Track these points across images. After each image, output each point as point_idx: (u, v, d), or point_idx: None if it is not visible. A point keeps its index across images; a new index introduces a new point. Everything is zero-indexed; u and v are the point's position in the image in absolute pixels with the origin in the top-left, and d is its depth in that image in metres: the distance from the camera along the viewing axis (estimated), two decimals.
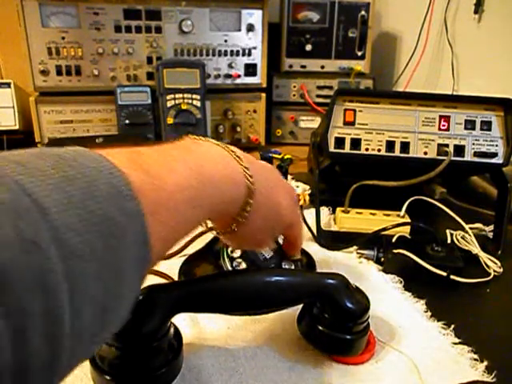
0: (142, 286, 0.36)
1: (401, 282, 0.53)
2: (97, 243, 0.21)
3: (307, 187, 0.83)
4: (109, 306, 0.22)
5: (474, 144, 0.64)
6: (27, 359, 0.18)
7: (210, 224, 0.40)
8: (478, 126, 0.64)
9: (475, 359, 0.41)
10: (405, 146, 0.64)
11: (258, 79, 1.08)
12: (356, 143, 0.65)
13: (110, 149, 0.25)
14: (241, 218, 0.35)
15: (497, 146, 0.64)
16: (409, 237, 0.60)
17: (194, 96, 0.93)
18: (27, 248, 0.18)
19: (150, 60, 0.99)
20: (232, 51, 1.04)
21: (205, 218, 0.32)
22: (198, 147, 0.33)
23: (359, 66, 1.16)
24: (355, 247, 0.60)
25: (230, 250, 0.51)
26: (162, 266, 0.55)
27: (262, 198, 0.35)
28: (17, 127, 0.98)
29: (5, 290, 0.17)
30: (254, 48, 1.05)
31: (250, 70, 1.06)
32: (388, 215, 0.67)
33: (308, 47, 1.12)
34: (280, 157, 0.97)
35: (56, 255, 0.19)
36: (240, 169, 0.34)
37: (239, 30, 1.03)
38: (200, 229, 0.58)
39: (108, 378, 0.34)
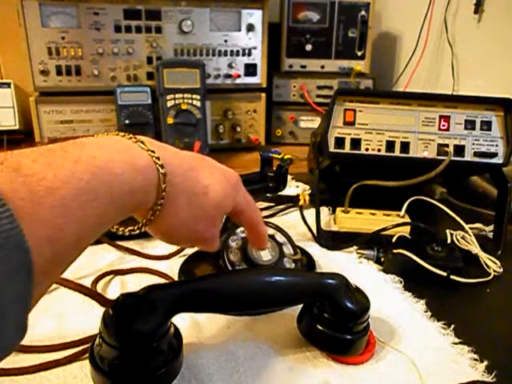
0: (142, 286, 0.36)
1: (401, 282, 0.53)
2: None
3: (307, 187, 0.83)
4: None
5: (474, 144, 0.64)
6: None
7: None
8: (477, 126, 0.64)
9: (475, 359, 0.41)
10: (405, 146, 0.64)
11: (258, 79, 1.08)
12: (356, 143, 0.65)
13: None
14: (155, 206, 0.32)
15: (497, 145, 0.64)
16: (409, 237, 0.60)
17: (194, 96, 0.93)
18: None
19: (149, 60, 0.99)
20: (232, 51, 1.04)
21: (110, 210, 0.29)
22: (91, 140, 0.30)
23: (359, 66, 1.16)
24: (355, 247, 0.60)
25: (229, 250, 0.51)
26: (162, 265, 0.55)
27: (180, 181, 0.33)
28: (17, 127, 0.98)
29: None
30: (254, 48, 1.05)
31: (250, 70, 1.06)
32: (388, 215, 0.67)
33: (308, 47, 1.12)
34: (280, 157, 0.97)
35: None
36: (145, 153, 0.31)
37: (239, 30, 1.03)
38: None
39: (108, 378, 0.34)
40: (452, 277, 0.53)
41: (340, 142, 0.65)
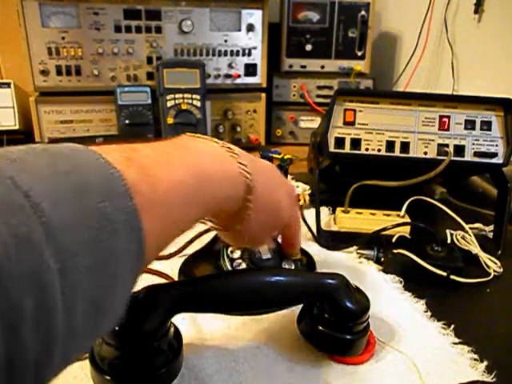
0: (142, 286, 0.36)
1: (401, 282, 0.53)
2: (89, 239, 0.21)
3: (307, 187, 0.83)
4: (102, 303, 0.22)
5: (474, 144, 0.64)
6: (20, 355, 0.18)
7: (209, 223, 0.40)
8: (477, 126, 0.64)
9: (475, 359, 0.41)
10: (405, 146, 0.64)
11: (258, 79, 1.08)
12: (356, 143, 0.65)
13: (106, 146, 0.26)
14: (243, 216, 0.35)
15: (497, 145, 0.64)
16: (409, 237, 0.60)
17: (194, 96, 0.94)
18: (20, 244, 0.18)
19: (150, 60, 1.00)
20: (232, 51, 1.04)
21: (201, 216, 0.32)
22: (195, 144, 0.32)
23: (359, 66, 1.16)
24: (355, 247, 0.60)
25: (229, 250, 0.51)
26: (162, 266, 0.55)
27: (261, 196, 0.35)
28: (17, 127, 0.98)
29: None
30: (254, 48, 1.05)
31: (250, 70, 1.06)
32: (388, 215, 0.67)
33: (308, 47, 1.12)
34: (280, 157, 0.97)
35: (48, 251, 0.19)
36: (237, 166, 0.33)
37: (239, 30, 1.03)
38: (200, 229, 0.58)
39: (108, 378, 0.34)
40: (452, 277, 0.53)
41: (340, 142, 0.65)
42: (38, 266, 0.18)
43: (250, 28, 1.03)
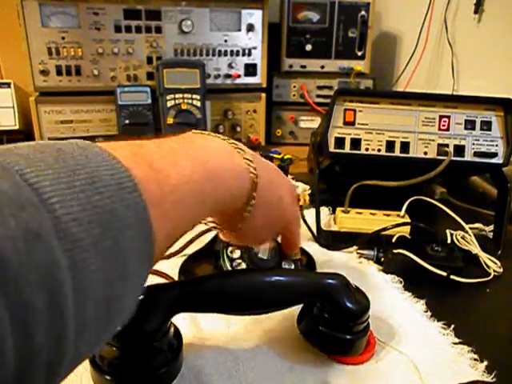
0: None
1: (401, 282, 0.53)
2: (98, 234, 0.20)
3: (307, 187, 0.83)
4: (113, 300, 0.22)
5: (474, 144, 0.64)
6: (30, 354, 0.18)
7: (210, 223, 0.39)
8: (477, 126, 0.64)
9: (475, 359, 0.41)
10: (405, 146, 0.64)
11: (258, 79, 1.08)
12: (356, 143, 0.65)
13: (113, 142, 0.25)
14: (245, 213, 0.34)
15: (497, 145, 0.64)
16: (409, 237, 0.60)
17: (194, 96, 0.94)
18: (29, 239, 0.18)
19: (150, 60, 1.00)
20: (232, 51, 1.04)
21: (208, 212, 0.31)
22: (202, 140, 0.32)
23: (359, 66, 1.16)
24: (355, 247, 0.60)
25: (229, 250, 0.51)
26: (162, 265, 0.55)
27: (264, 193, 0.35)
28: (17, 127, 0.98)
29: (6, 282, 0.17)
30: (254, 48, 1.05)
31: (250, 70, 1.06)
32: (388, 215, 0.67)
33: (308, 47, 1.12)
34: (280, 157, 0.97)
35: (58, 246, 0.19)
36: (243, 162, 0.33)
37: (239, 30, 1.03)
38: (200, 228, 0.58)
39: (108, 378, 0.34)
40: (452, 277, 0.53)
41: (340, 142, 0.65)
42: (49, 261, 0.18)
43: (250, 28, 1.03)
